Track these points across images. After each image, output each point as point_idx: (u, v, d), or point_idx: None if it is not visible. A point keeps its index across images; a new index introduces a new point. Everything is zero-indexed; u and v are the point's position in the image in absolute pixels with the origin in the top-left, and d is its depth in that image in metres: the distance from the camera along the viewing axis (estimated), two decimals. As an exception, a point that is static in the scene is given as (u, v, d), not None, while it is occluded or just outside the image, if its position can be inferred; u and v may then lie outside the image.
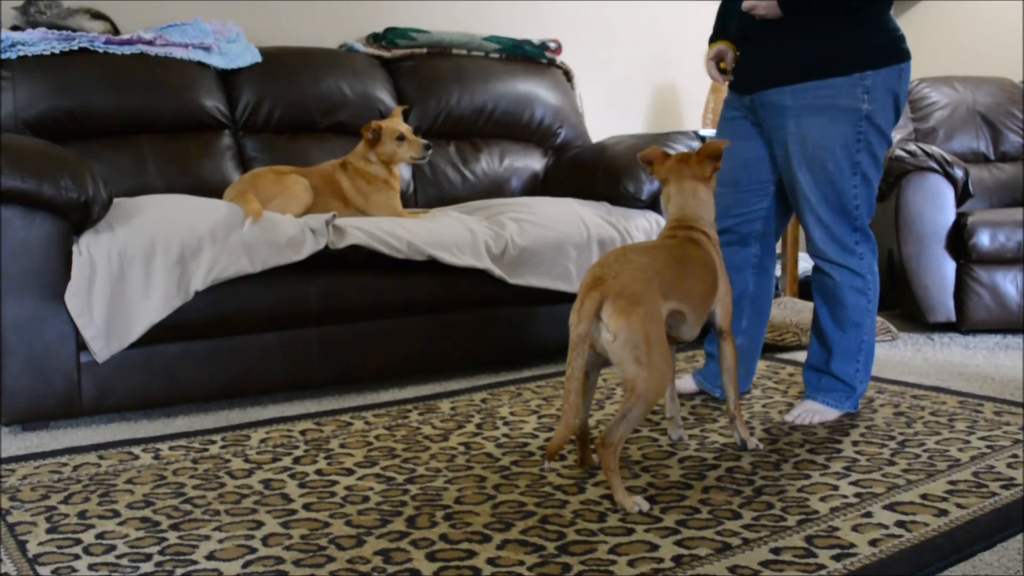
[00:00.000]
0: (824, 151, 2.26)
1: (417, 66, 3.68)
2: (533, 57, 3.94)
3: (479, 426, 2.42)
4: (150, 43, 3.16)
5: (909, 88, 4.30)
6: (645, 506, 1.79)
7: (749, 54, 2.36)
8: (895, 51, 2.25)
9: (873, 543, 1.62)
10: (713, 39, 2.50)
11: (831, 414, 2.39)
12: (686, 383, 2.69)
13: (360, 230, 2.70)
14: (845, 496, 1.85)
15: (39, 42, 2.97)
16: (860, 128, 2.24)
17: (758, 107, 2.37)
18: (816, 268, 2.42)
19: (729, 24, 2.44)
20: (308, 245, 2.61)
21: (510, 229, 2.97)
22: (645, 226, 3.25)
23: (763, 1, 2.21)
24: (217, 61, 3.29)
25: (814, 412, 2.39)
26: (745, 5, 2.25)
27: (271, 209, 2.71)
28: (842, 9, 2.21)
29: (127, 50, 3.11)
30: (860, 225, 2.33)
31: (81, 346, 2.40)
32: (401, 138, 3.03)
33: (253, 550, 1.64)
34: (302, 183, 2.91)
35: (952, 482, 1.93)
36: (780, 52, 2.27)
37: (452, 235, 2.86)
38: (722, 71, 2.44)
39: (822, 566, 1.54)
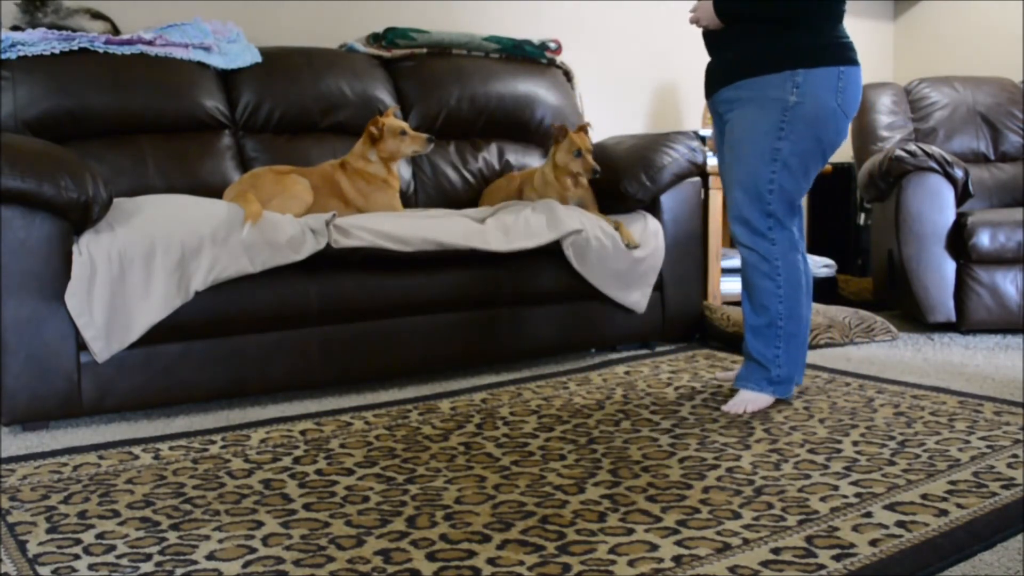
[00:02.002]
0: (748, 135, 2.44)
1: (417, 66, 3.68)
2: (533, 57, 3.94)
3: (479, 426, 2.42)
4: (150, 43, 3.16)
5: (909, 88, 4.34)
6: None
7: (711, 61, 2.58)
8: (832, 55, 2.40)
9: (873, 543, 1.62)
10: None
11: (763, 400, 2.48)
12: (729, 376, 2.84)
13: (363, 229, 2.70)
14: (845, 496, 1.85)
15: (39, 42, 2.97)
16: (784, 118, 2.39)
17: (717, 105, 2.58)
18: (738, 247, 2.55)
19: None
20: (308, 245, 2.61)
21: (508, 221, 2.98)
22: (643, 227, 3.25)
23: (701, 14, 2.46)
24: (217, 61, 3.29)
25: (747, 400, 2.48)
26: (689, 18, 2.51)
27: (271, 209, 2.72)
28: (771, 15, 2.38)
29: (127, 50, 3.11)
30: (773, 211, 2.44)
31: (81, 346, 2.40)
32: (403, 133, 3.08)
33: (253, 550, 1.64)
34: (302, 183, 2.91)
35: (952, 482, 1.93)
36: (729, 57, 2.49)
37: (457, 226, 2.87)
38: None
39: (822, 566, 1.54)
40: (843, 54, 2.41)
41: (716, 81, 2.54)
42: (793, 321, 2.48)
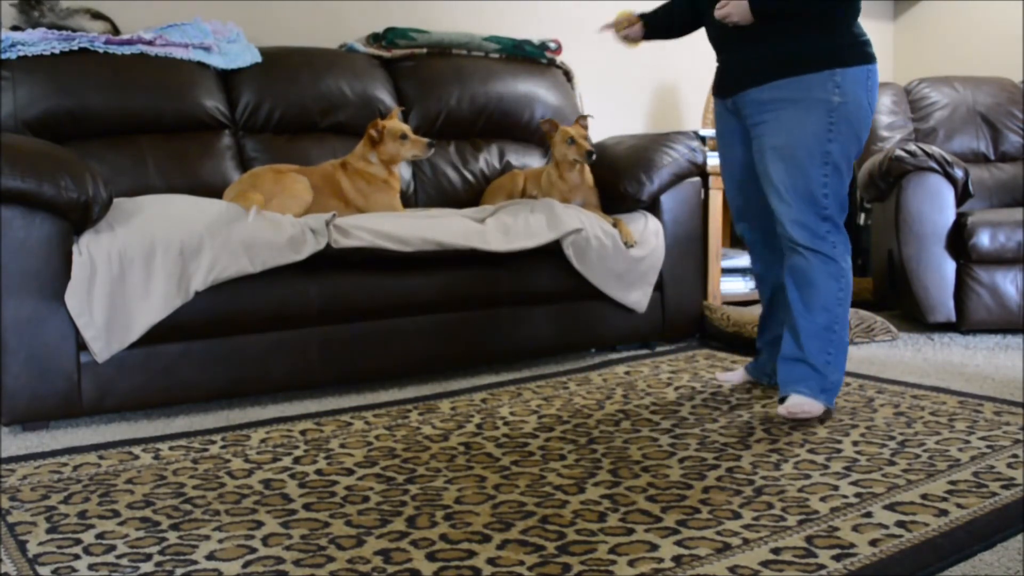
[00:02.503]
0: (796, 139, 2.35)
1: (417, 66, 3.68)
2: (533, 57, 3.94)
3: (479, 426, 2.42)
4: (150, 43, 3.16)
5: (909, 88, 4.35)
6: None
7: (728, 59, 2.48)
8: (862, 53, 2.37)
9: (873, 543, 1.62)
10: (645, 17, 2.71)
11: (817, 407, 2.37)
12: (738, 375, 2.82)
13: (363, 229, 2.70)
14: (845, 496, 1.85)
15: (39, 42, 2.97)
16: (831, 119, 2.33)
17: (740, 106, 2.48)
18: (789, 250, 2.44)
19: (661, 17, 2.71)
20: (309, 245, 2.61)
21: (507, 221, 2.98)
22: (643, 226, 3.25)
23: (733, 9, 2.33)
24: (217, 61, 3.29)
25: (803, 403, 2.37)
26: (718, 14, 2.37)
27: (271, 208, 2.72)
28: (808, 12, 2.32)
29: (127, 50, 3.11)
30: (829, 215, 2.38)
31: (81, 346, 2.40)
32: (404, 137, 3.07)
33: (253, 550, 1.64)
34: (302, 182, 2.91)
35: (952, 482, 1.93)
36: (758, 55, 2.39)
37: (457, 225, 2.87)
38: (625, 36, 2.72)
39: (822, 566, 1.54)
40: (868, 52, 2.38)
41: (740, 80, 2.45)
42: (846, 328, 2.42)
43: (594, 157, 3.18)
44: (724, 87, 2.53)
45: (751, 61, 2.40)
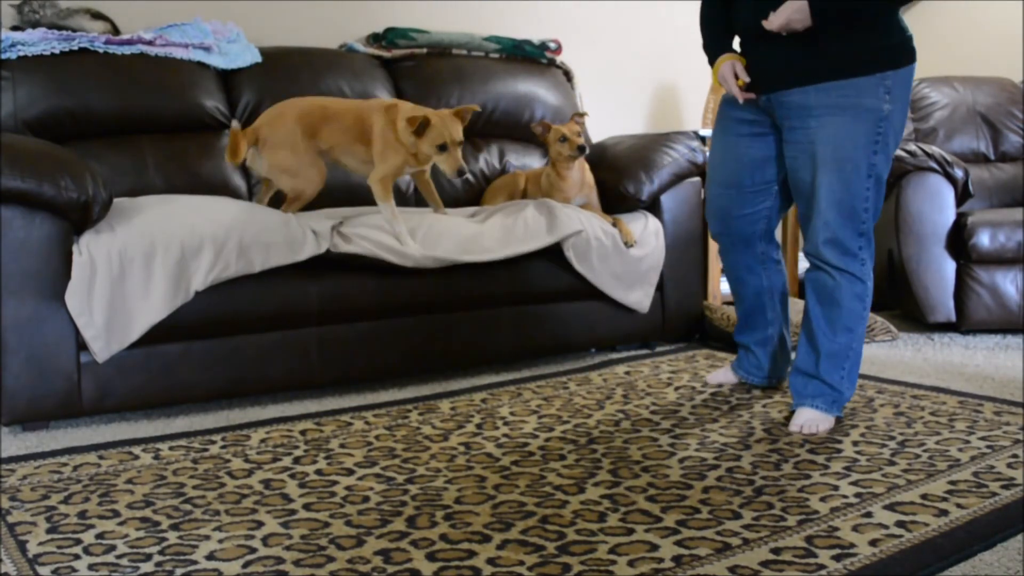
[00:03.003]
0: (844, 151, 2.23)
1: (417, 66, 3.68)
2: (533, 57, 3.94)
3: (479, 426, 2.42)
4: (150, 43, 3.16)
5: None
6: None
7: (766, 54, 2.30)
8: (909, 51, 2.26)
9: (873, 543, 1.62)
10: (716, 53, 2.44)
11: (829, 421, 2.34)
12: (724, 375, 2.81)
13: (365, 239, 2.70)
14: (845, 496, 1.85)
15: (39, 42, 2.97)
16: (880, 128, 2.22)
17: (776, 107, 2.34)
18: (814, 266, 2.37)
19: (723, 37, 2.45)
20: (309, 247, 2.61)
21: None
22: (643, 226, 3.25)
23: (794, 15, 2.15)
24: (217, 61, 3.29)
25: (817, 420, 2.32)
26: (774, 25, 2.18)
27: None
28: (870, 9, 2.17)
29: (127, 50, 3.11)
30: (866, 229, 2.28)
31: (81, 346, 2.40)
32: (443, 147, 2.76)
33: (253, 550, 1.64)
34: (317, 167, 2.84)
35: (952, 482, 1.93)
36: (802, 52, 2.22)
37: (455, 237, 2.87)
38: (741, 85, 2.38)
39: (822, 566, 1.54)
40: (914, 48, 2.24)
41: (781, 79, 2.28)
42: (862, 342, 2.36)
43: (587, 151, 3.17)
44: (758, 84, 2.35)
45: (795, 59, 2.23)
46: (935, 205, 3.55)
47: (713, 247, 3.76)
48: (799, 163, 2.32)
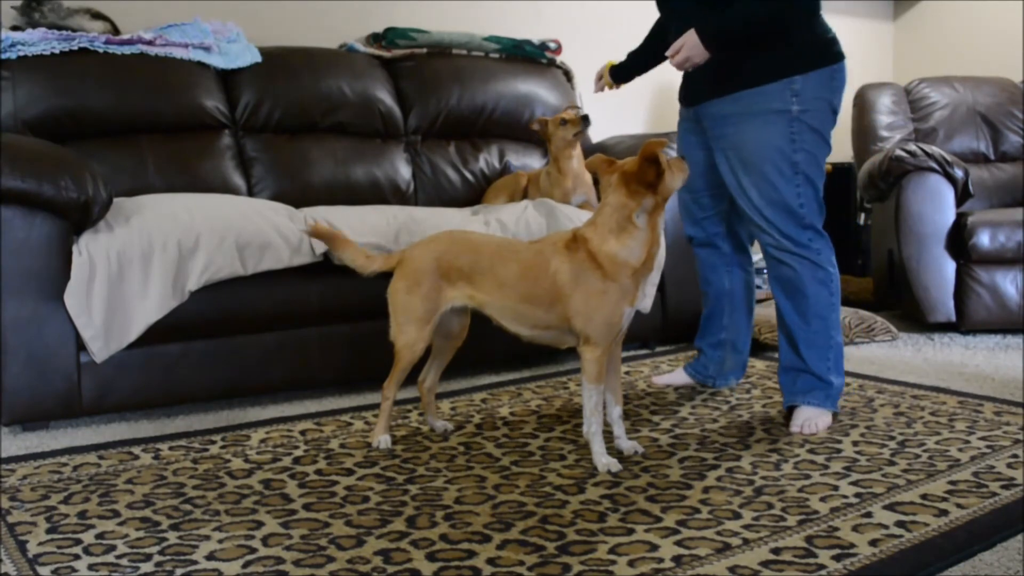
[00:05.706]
0: (762, 153, 2.32)
1: (417, 66, 3.68)
2: (533, 57, 3.94)
3: (479, 426, 2.41)
4: (150, 43, 3.16)
5: (909, 88, 4.34)
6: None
7: (692, 71, 2.39)
8: (824, 54, 2.31)
9: (873, 543, 1.62)
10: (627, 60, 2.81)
11: (827, 417, 2.35)
12: (678, 376, 2.80)
13: (367, 245, 2.69)
14: (845, 496, 1.85)
15: (39, 42, 2.97)
16: (792, 129, 2.29)
17: (702, 118, 2.46)
18: (773, 258, 2.40)
19: (636, 53, 2.80)
20: (303, 253, 2.60)
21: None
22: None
23: (691, 52, 2.25)
24: (217, 61, 3.29)
25: (814, 417, 2.33)
26: (675, 63, 2.31)
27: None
28: (767, 29, 2.25)
29: (127, 50, 3.11)
30: (809, 223, 2.35)
31: (81, 346, 2.40)
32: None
33: (253, 550, 1.64)
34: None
35: (952, 482, 1.93)
36: (715, 68, 2.32)
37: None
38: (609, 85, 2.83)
39: (822, 566, 1.54)
40: (833, 51, 2.31)
41: (703, 92, 2.42)
42: (840, 331, 2.39)
43: (590, 121, 3.24)
44: (686, 96, 2.53)
45: (709, 73, 2.34)
46: (935, 205, 3.55)
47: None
48: (725, 168, 2.42)
